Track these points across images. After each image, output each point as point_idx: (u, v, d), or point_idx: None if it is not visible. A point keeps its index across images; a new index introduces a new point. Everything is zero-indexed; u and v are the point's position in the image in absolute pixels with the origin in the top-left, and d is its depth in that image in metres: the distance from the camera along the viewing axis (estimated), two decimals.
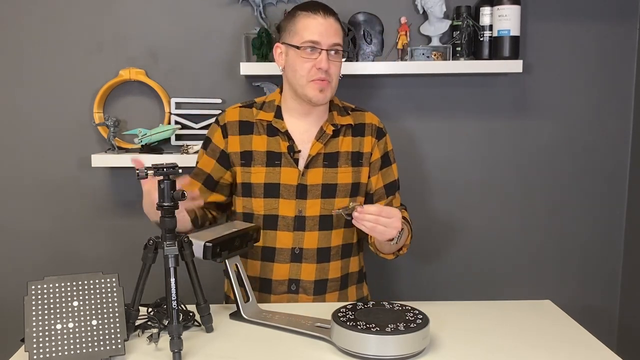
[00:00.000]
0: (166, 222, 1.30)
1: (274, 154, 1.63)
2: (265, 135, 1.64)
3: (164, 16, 2.23)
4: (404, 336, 1.22)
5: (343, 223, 1.65)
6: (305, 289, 1.64)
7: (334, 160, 1.65)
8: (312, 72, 1.55)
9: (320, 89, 1.56)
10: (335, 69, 1.58)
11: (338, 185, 1.64)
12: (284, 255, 1.63)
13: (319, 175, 1.63)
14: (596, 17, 2.26)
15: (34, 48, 2.23)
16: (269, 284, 1.65)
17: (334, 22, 1.57)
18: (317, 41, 1.54)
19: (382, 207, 1.44)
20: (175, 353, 1.23)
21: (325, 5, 1.59)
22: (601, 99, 2.32)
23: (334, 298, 1.68)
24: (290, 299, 1.65)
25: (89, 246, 2.33)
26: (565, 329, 1.43)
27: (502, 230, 2.37)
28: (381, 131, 1.72)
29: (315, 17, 1.55)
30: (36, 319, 1.22)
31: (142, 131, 2.13)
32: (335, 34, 1.57)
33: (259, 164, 1.63)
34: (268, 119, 1.65)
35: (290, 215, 1.62)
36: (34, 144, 2.28)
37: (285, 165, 1.62)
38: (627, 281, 2.38)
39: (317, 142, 1.63)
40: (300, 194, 1.62)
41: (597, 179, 2.36)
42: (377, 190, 1.70)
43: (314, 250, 1.63)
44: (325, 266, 1.65)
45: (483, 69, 2.13)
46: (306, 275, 1.64)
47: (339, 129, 1.66)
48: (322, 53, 1.54)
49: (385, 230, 1.44)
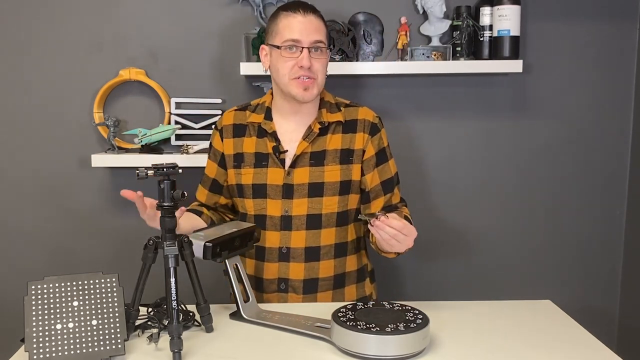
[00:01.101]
0: (166, 222, 1.30)
1: (262, 155, 1.65)
2: (255, 137, 1.66)
3: (164, 16, 2.23)
4: (404, 336, 1.21)
5: (334, 222, 1.65)
6: (294, 288, 1.65)
7: (321, 158, 1.64)
8: (294, 71, 1.56)
9: (305, 87, 1.57)
10: (319, 65, 1.58)
11: (325, 184, 1.63)
12: (272, 255, 1.65)
13: (305, 175, 1.63)
14: (596, 17, 2.26)
15: (34, 48, 2.23)
16: (261, 283, 1.67)
17: (314, 19, 1.58)
18: (297, 39, 1.55)
19: (405, 224, 1.42)
20: (175, 353, 1.23)
21: (305, 4, 1.59)
22: (601, 99, 2.32)
23: (328, 297, 1.67)
24: (280, 298, 1.66)
25: (89, 246, 2.33)
26: (565, 329, 1.43)
27: (502, 230, 2.37)
28: (375, 127, 1.68)
29: (295, 16, 1.56)
30: (36, 319, 1.22)
31: (142, 131, 2.13)
32: (316, 31, 1.57)
33: (248, 165, 1.65)
34: (258, 121, 1.66)
35: (277, 215, 1.63)
36: (34, 144, 2.28)
37: (271, 165, 1.64)
38: (627, 281, 2.38)
39: (304, 141, 1.64)
40: (286, 193, 1.62)
41: (597, 179, 2.36)
42: (373, 188, 1.68)
43: (302, 249, 1.63)
44: (314, 265, 1.65)
45: (483, 69, 2.13)
46: (294, 275, 1.64)
47: (327, 126, 1.65)
48: (303, 51, 1.55)
49: (398, 245, 1.44)
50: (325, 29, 1.61)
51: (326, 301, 1.66)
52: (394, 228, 1.41)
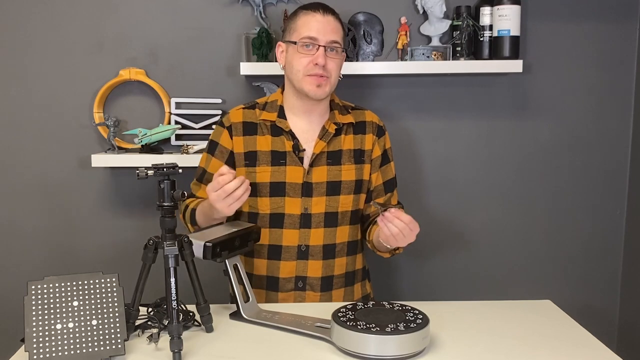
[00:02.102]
0: (166, 222, 1.30)
1: (279, 153, 1.65)
2: (269, 135, 1.66)
3: (164, 16, 2.23)
4: (404, 336, 1.22)
5: (348, 220, 1.68)
6: (312, 285, 1.66)
7: (337, 158, 1.67)
8: (308, 67, 1.58)
9: (318, 84, 1.58)
10: (334, 65, 1.60)
11: (342, 183, 1.66)
12: (290, 253, 1.65)
13: (324, 173, 1.65)
14: (596, 17, 2.26)
15: (34, 48, 2.23)
16: (276, 282, 1.67)
17: (333, 20, 1.60)
18: (315, 37, 1.57)
19: (412, 219, 1.46)
20: (175, 353, 1.23)
21: (326, 5, 1.62)
22: (601, 99, 2.32)
23: (340, 294, 1.70)
24: (298, 296, 1.66)
25: (89, 246, 2.33)
26: (565, 329, 1.43)
27: (502, 230, 2.37)
28: (381, 129, 1.75)
29: (315, 15, 1.59)
30: (36, 319, 1.22)
31: (142, 131, 2.13)
32: (334, 32, 1.59)
33: (264, 163, 1.65)
34: (272, 119, 1.66)
35: (296, 213, 1.64)
36: (34, 144, 2.28)
37: (290, 164, 1.64)
38: (627, 281, 2.38)
39: (321, 140, 1.66)
40: (305, 191, 1.64)
41: (597, 179, 2.36)
42: (376, 187, 1.73)
43: (320, 247, 1.65)
44: (330, 262, 1.67)
45: (483, 69, 2.13)
46: (313, 272, 1.66)
47: (341, 127, 1.68)
48: (319, 49, 1.57)
49: (403, 239, 1.46)
50: (342, 31, 1.64)
51: (339, 298, 1.69)
52: (403, 221, 1.43)
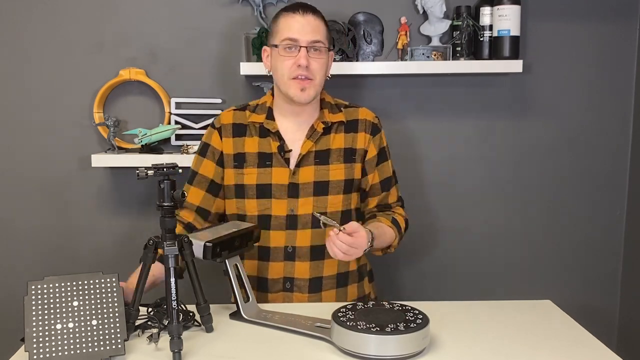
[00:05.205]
0: (166, 222, 1.30)
1: (265, 155, 1.65)
2: (257, 137, 1.66)
3: (164, 16, 2.23)
4: (404, 336, 1.21)
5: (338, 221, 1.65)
6: (299, 287, 1.65)
7: (326, 157, 1.66)
8: (292, 70, 1.57)
9: (302, 87, 1.57)
10: (317, 65, 1.58)
11: (330, 182, 1.65)
12: (277, 254, 1.65)
13: (311, 173, 1.64)
14: (596, 17, 2.26)
15: (34, 48, 2.23)
16: (265, 283, 1.67)
17: (313, 19, 1.59)
18: (295, 38, 1.56)
19: (354, 240, 1.45)
20: (175, 353, 1.23)
21: (305, 5, 1.60)
22: (601, 99, 2.32)
23: (332, 296, 1.68)
24: (286, 297, 1.66)
25: (89, 246, 2.33)
26: (565, 329, 1.43)
27: (502, 230, 2.37)
28: (376, 127, 1.71)
29: (294, 16, 1.58)
30: (36, 319, 1.22)
31: (142, 131, 2.13)
32: (314, 31, 1.58)
33: (251, 165, 1.65)
34: (260, 121, 1.66)
35: (282, 214, 1.63)
36: (34, 144, 2.28)
37: (276, 165, 1.64)
38: (627, 281, 2.38)
39: (308, 140, 1.65)
40: (291, 192, 1.63)
41: (597, 178, 2.36)
42: (372, 186, 1.72)
43: (307, 248, 1.64)
44: (319, 264, 1.66)
45: (483, 69, 2.13)
46: (300, 273, 1.65)
47: (330, 126, 1.67)
48: (301, 50, 1.56)
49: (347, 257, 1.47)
50: (325, 30, 1.62)
51: (330, 300, 1.67)
52: (345, 244, 1.44)
